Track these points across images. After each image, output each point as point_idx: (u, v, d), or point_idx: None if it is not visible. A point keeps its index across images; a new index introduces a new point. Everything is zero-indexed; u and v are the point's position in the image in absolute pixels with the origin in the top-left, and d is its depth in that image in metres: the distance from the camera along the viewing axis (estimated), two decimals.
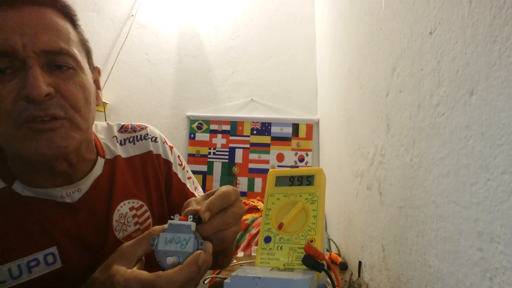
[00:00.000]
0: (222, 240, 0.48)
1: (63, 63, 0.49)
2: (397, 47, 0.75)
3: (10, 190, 0.52)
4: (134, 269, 0.44)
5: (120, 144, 0.64)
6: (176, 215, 0.46)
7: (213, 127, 2.23)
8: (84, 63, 0.54)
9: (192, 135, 2.22)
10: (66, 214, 0.55)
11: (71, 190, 0.55)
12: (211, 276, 1.11)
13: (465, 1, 0.47)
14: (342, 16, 1.38)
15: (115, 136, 0.65)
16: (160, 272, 0.42)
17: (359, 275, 1.01)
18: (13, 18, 0.46)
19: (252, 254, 1.31)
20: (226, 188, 0.49)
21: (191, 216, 0.45)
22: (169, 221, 0.45)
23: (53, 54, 0.48)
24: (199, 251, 0.44)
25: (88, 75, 0.55)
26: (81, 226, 0.56)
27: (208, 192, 0.50)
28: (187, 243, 0.44)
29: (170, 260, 0.43)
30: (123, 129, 0.67)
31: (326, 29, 1.85)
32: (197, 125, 2.23)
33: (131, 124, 0.68)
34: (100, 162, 0.60)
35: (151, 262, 0.47)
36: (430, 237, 0.57)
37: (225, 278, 0.42)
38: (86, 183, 0.57)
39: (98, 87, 0.60)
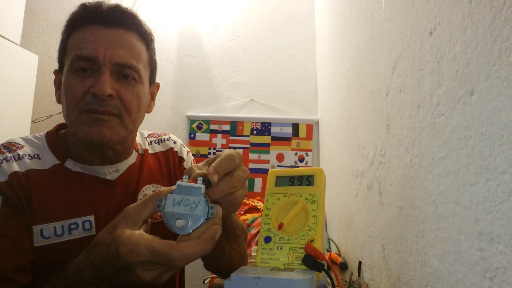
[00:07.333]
0: (231, 204, 0.47)
1: (129, 74, 0.63)
2: (397, 47, 0.75)
3: (62, 166, 0.65)
4: (141, 231, 0.43)
5: (149, 144, 0.80)
6: (185, 177, 0.44)
7: (213, 127, 2.23)
8: (146, 78, 0.68)
9: (192, 135, 2.22)
10: (106, 188, 0.67)
11: (112, 169, 0.69)
12: (211, 276, 1.11)
13: (465, 1, 0.47)
14: (342, 16, 1.38)
15: (145, 137, 0.82)
16: (173, 242, 0.40)
17: (359, 275, 1.01)
18: (105, 35, 0.62)
19: (252, 254, 1.31)
20: (230, 151, 0.48)
21: (201, 179, 0.43)
22: (178, 182, 0.43)
23: (123, 66, 0.62)
24: (216, 226, 0.42)
25: (146, 87, 0.69)
26: (116, 200, 0.67)
27: (208, 158, 0.49)
28: (196, 206, 0.42)
29: (179, 223, 0.41)
30: (150, 135, 0.83)
31: (326, 29, 1.85)
32: (197, 125, 2.23)
33: (156, 133, 0.85)
34: (135, 154, 0.75)
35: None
36: (430, 237, 0.57)
37: (225, 278, 0.42)
38: (123, 166, 0.71)
39: (152, 98, 0.75)
